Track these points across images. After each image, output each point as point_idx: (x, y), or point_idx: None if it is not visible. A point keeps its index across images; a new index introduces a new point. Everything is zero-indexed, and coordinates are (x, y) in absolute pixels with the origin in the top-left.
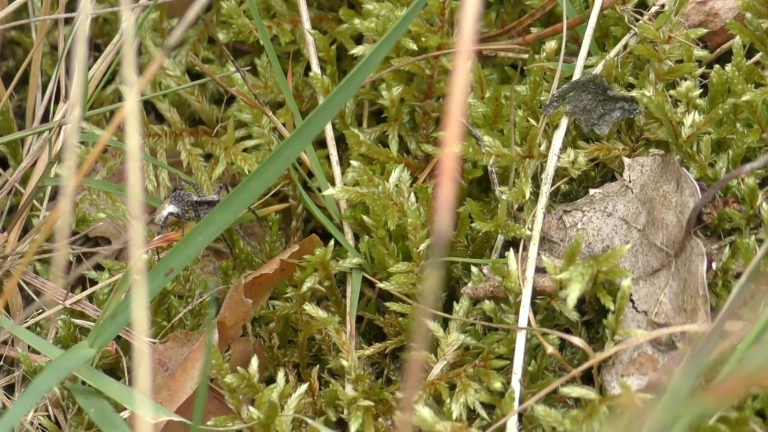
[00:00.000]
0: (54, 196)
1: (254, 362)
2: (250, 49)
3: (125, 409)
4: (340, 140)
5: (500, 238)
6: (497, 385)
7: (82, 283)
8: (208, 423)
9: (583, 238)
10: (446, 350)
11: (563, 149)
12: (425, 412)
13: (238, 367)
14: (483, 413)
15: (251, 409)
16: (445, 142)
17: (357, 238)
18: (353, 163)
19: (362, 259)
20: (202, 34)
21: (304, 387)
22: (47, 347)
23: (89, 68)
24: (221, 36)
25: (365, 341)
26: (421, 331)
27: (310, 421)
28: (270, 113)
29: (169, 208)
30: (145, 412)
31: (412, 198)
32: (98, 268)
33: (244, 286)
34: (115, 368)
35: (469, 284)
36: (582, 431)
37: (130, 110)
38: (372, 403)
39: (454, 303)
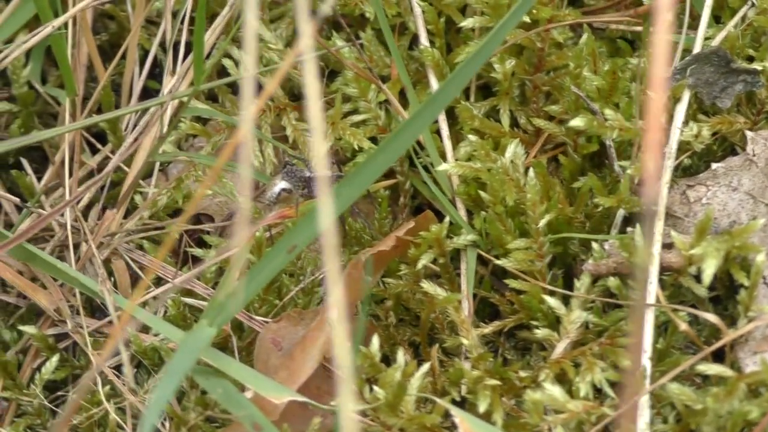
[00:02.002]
0: (150, 173)
1: (375, 341)
2: (352, 22)
3: (245, 389)
4: (448, 114)
5: (620, 214)
6: (626, 363)
7: (185, 261)
8: (331, 403)
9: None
10: (569, 328)
11: (685, 123)
12: (555, 391)
13: (360, 347)
14: (610, 391)
15: (376, 389)
16: (651, 115)
17: (470, 214)
18: (470, 137)
19: (477, 236)
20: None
21: (426, 366)
22: (166, 327)
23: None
24: (326, 8)
25: (478, 319)
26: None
27: (438, 400)
28: (384, 86)
29: (281, 185)
30: (269, 392)
31: (531, 173)
32: (200, 244)
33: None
34: (224, 348)
35: (590, 261)
36: (723, 409)
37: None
38: (499, 382)
39: (574, 280)
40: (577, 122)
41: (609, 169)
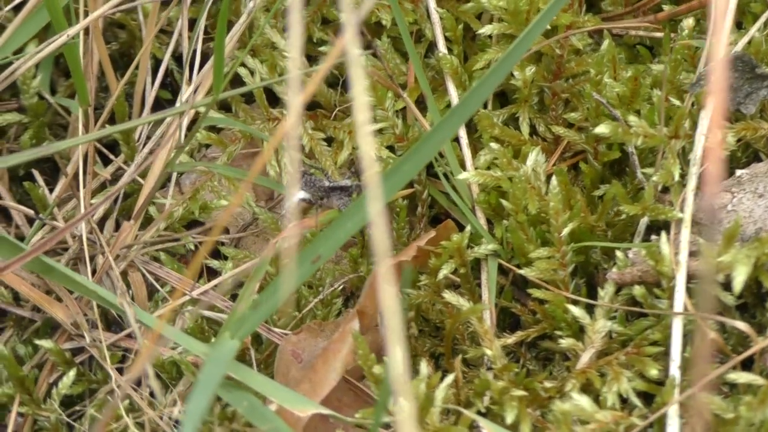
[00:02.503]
0: (163, 184)
1: (399, 352)
2: (366, 31)
3: (266, 402)
4: (466, 123)
5: (643, 222)
6: (653, 372)
7: (200, 273)
8: (356, 416)
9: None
10: (593, 337)
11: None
12: (583, 401)
13: (385, 358)
14: (637, 401)
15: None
16: (713, 119)
17: (489, 223)
18: (492, 145)
19: (497, 245)
20: (315, 15)
21: (450, 377)
22: (189, 341)
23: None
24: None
25: (500, 330)
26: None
27: (465, 411)
28: (404, 94)
29: (300, 194)
30: (293, 405)
31: (553, 181)
32: (215, 256)
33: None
34: (242, 360)
35: (614, 269)
36: (756, 418)
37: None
38: (526, 393)
39: (598, 289)
40: (601, 129)
41: (631, 177)
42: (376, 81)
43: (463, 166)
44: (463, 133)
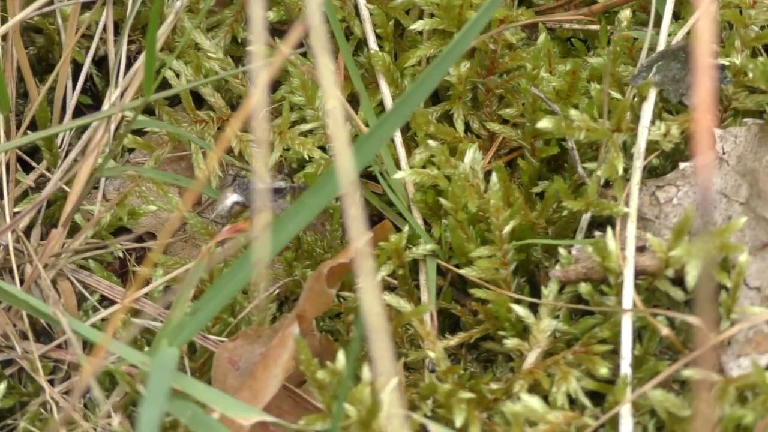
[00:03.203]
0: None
1: (342, 356)
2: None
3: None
4: None
5: (585, 218)
6: (603, 371)
7: (128, 280)
8: (300, 422)
9: (681, 213)
10: (539, 337)
11: (652, 122)
12: (534, 402)
13: (328, 363)
14: (586, 401)
15: (348, 406)
16: (698, 114)
17: (426, 223)
18: (430, 143)
19: (435, 245)
20: (239, 15)
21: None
22: (127, 350)
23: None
24: (271, 14)
25: (439, 332)
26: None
27: (414, 416)
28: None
29: (233, 198)
30: (236, 413)
31: (494, 178)
32: (140, 262)
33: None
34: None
35: (557, 267)
36: (715, 414)
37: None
38: (473, 395)
39: (542, 288)
40: (543, 124)
41: (570, 173)
42: (305, 80)
43: (397, 165)
44: (397, 132)
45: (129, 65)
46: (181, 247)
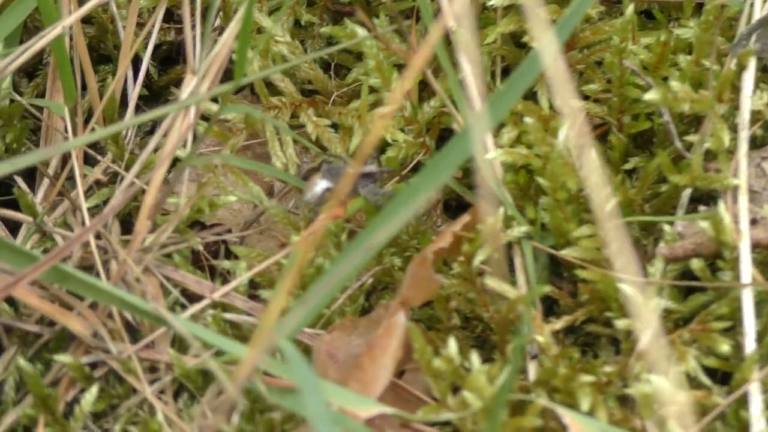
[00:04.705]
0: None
1: (452, 344)
2: (352, 11)
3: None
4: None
5: (685, 194)
6: (725, 348)
7: (212, 274)
8: (419, 413)
9: None
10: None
11: (753, 91)
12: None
13: (441, 350)
14: (705, 380)
15: (467, 395)
16: None
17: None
18: (526, 119)
19: (530, 227)
20: None
21: (510, 368)
22: (234, 346)
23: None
24: None
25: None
26: None
27: (544, 401)
28: (429, 73)
29: (323, 184)
30: (355, 406)
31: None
32: (216, 255)
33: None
34: None
35: (662, 244)
36: None
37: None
38: (594, 378)
39: (646, 266)
40: (651, 96)
41: (659, 148)
42: (380, 61)
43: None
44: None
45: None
46: (257, 239)
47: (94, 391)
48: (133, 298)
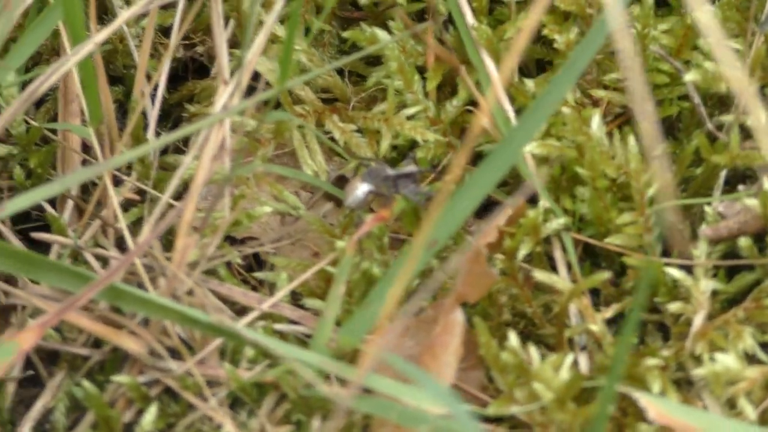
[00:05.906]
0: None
1: (513, 338)
2: (362, 15)
3: None
4: None
5: (722, 175)
6: None
7: (251, 286)
8: (490, 409)
9: None
10: (700, 299)
11: None
12: (729, 360)
13: (507, 344)
14: (763, 356)
15: (537, 386)
16: None
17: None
18: (564, 110)
19: (567, 218)
20: (308, 4)
21: (570, 357)
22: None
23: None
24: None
25: None
26: None
27: (621, 387)
28: (463, 71)
29: (364, 187)
30: (430, 403)
31: (631, 141)
32: (248, 268)
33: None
34: None
35: (704, 226)
36: None
37: None
38: (661, 362)
39: (692, 249)
40: (691, 76)
41: (685, 133)
42: (402, 63)
43: None
44: (508, 106)
45: (200, 68)
46: (290, 249)
47: (153, 410)
48: (194, 312)
